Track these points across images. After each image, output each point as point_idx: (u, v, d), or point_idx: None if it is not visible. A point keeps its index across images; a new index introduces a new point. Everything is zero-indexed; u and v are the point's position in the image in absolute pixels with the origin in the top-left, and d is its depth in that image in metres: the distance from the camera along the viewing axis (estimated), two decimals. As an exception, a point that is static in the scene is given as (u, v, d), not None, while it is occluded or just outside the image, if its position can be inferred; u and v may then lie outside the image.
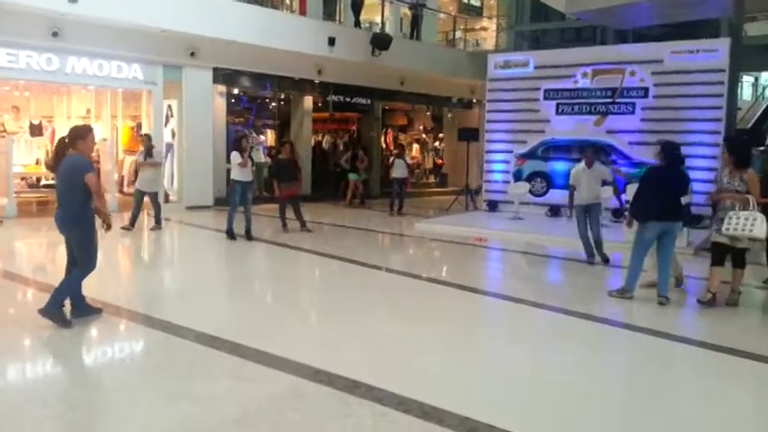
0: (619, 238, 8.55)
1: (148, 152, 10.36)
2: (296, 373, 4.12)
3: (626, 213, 6.56)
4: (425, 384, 4.07)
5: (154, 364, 4.39)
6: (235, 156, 9.46)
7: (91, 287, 5.52)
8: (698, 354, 4.95)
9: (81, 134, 5.10)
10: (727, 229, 5.81)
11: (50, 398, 3.75)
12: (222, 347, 4.59)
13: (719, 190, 6.08)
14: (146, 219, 11.13)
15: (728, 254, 6.09)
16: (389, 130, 19.88)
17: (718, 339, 5.17)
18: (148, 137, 10.77)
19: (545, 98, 13.21)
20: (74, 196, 4.95)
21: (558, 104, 13.07)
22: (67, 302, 5.16)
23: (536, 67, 13.43)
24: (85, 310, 5.24)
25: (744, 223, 5.72)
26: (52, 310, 4.94)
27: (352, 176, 15.22)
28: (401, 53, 15.38)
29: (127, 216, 10.37)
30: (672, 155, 6.21)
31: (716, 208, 6.18)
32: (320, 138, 18.45)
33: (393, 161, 13.85)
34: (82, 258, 5.07)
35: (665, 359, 4.86)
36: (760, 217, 5.74)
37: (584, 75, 12.79)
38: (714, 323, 5.68)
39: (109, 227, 5.06)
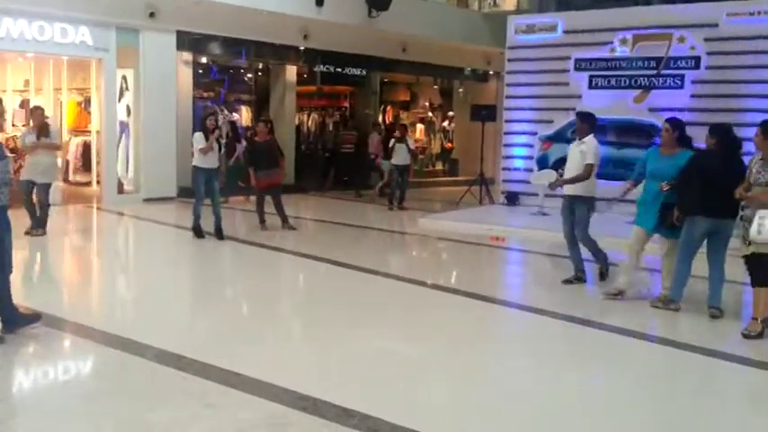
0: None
1: (42, 130, 9.20)
2: (276, 399, 4.13)
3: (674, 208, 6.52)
4: (429, 413, 4.10)
5: (105, 387, 4.40)
6: (198, 138, 9.40)
7: (27, 296, 5.53)
8: (758, 378, 4.98)
9: None
10: (760, 233, 5.33)
11: (-19, 428, 3.76)
12: (187, 368, 4.60)
13: (748, 184, 5.71)
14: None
15: None
16: (389, 108, 19.87)
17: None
18: (41, 110, 9.80)
19: (576, 69, 13.21)
20: None
21: (591, 77, 13.07)
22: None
23: (565, 32, 13.42)
24: (19, 321, 5.21)
25: None
26: None
27: (386, 165, 15.21)
28: (403, 14, 15.36)
29: (73, 210, 10.37)
30: (728, 138, 6.19)
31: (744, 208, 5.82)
32: (305, 116, 18.46)
33: (393, 145, 13.86)
34: None
35: (721, 385, 4.89)
36: None
37: (623, 41, 12.78)
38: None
39: None
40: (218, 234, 9.46)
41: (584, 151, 7.23)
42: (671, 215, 6.25)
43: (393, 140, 13.99)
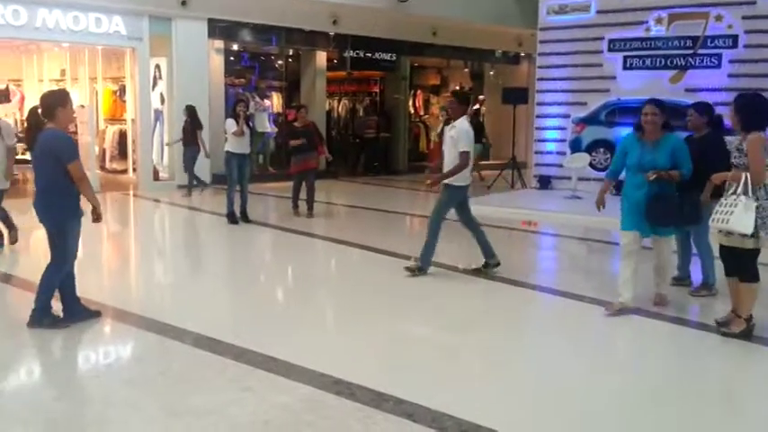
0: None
1: None
2: (312, 383, 4.19)
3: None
4: (464, 398, 4.11)
5: (146, 371, 4.50)
6: (229, 123, 9.67)
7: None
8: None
9: (60, 100, 5.07)
10: (713, 220, 4.99)
11: (27, 413, 3.87)
12: (225, 353, 4.68)
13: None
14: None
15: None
16: (419, 92, 19.80)
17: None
18: None
19: (610, 50, 13.03)
20: (54, 181, 4.97)
21: (625, 57, 12.88)
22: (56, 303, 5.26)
23: (599, 12, 13.23)
24: (81, 314, 5.32)
25: (725, 212, 4.84)
26: (40, 318, 5.05)
27: (477, 148, 15.30)
28: (433, -3, 15.27)
29: (110, 197, 10.55)
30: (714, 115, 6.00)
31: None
32: (336, 102, 18.49)
33: (442, 130, 13.89)
34: (58, 252, 5.12)
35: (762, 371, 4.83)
36: (742, 204, 4.75)
37: (659, 20, 12.57)
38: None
39: (99, 218, 5.16)
40: (244, 216, 9.77)
41: (453, 137, 6.69)
42: (662, 207, 5.54)
43: (441, 125, 14.02)
